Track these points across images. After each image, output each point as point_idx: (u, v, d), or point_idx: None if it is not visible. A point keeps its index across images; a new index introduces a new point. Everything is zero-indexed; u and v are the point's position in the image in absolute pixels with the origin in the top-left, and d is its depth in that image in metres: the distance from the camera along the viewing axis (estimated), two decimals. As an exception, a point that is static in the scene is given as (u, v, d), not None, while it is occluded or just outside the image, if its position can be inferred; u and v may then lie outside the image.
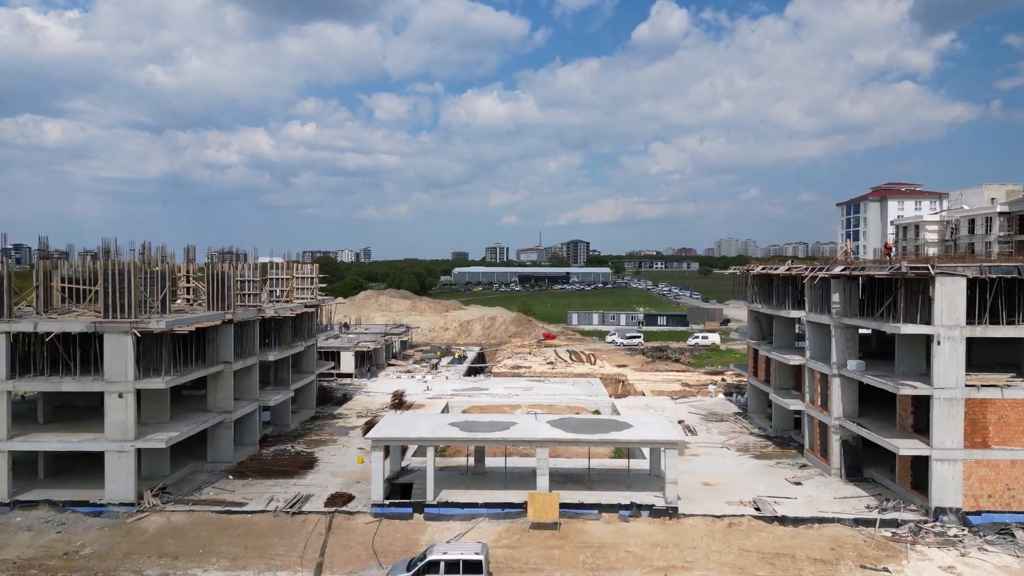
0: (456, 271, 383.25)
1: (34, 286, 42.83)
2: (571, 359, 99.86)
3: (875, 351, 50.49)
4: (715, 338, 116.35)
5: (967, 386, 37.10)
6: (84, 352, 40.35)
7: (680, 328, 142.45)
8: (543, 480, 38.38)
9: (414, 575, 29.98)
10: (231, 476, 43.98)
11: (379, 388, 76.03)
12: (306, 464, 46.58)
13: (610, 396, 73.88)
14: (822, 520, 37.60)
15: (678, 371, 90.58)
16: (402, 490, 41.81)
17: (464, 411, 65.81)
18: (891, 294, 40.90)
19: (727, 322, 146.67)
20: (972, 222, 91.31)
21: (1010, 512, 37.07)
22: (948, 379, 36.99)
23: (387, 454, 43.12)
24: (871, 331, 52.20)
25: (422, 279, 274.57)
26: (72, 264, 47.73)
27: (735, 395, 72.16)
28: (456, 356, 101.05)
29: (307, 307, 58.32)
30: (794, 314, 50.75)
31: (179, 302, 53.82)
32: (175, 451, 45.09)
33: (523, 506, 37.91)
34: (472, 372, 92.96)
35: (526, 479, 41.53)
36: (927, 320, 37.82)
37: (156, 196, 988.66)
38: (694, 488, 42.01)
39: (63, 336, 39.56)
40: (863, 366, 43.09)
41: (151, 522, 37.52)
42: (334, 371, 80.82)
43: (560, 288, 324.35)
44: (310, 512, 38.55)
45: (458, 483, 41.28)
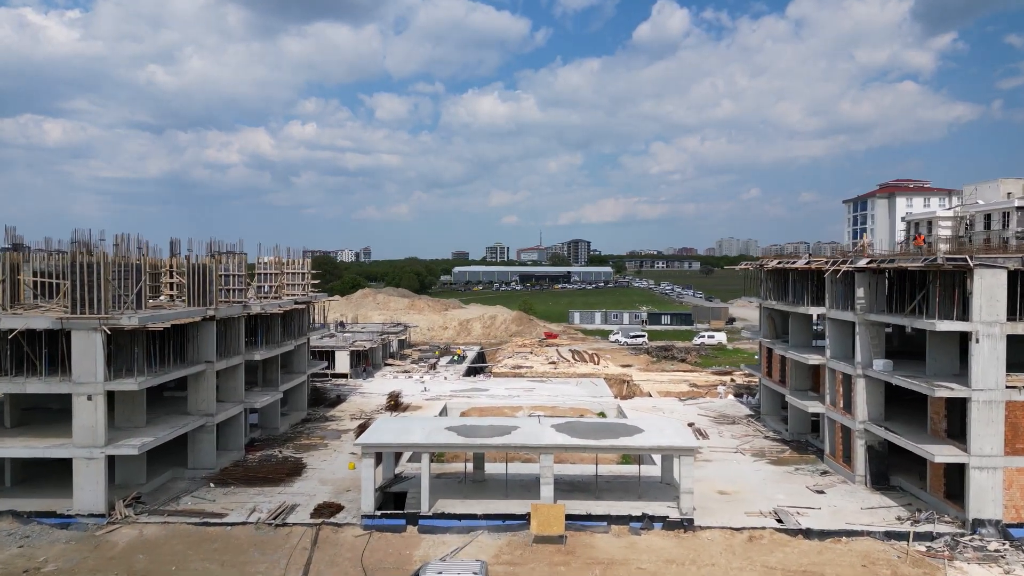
0: (456, 270, 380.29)
1: (0, 279, 39.85)
2: (574, 359, 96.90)
3: (897, 350, 47.41)
4: (721, 337, 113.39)
5: (1008, 387, 34.08)
6: (52, 351, 37.39)
7: (685, 327, 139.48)
8: (547, 489, 35.42)
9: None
10: (212, 484, 41.04)
11: (375, 389, 73.08)
12: (293, 471, 43.63)
13: (615, 397, 70.94)
14: (851, 533, 34.63)
15: (685, 371, 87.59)
16: (395, 499, 38.92)
17: (463, 413, 62.90)
18: (923, 288, 37.91)
19: (732, 321, 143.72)
20: (988, 217, 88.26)
21: (1055, 525, 34.13)
22: (987, 380, 33.98)
23: (379, 461, 40.24)
24: (892, 329, 49.30)
25: (422, 278, 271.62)
26: (51, 257, 44.82)
27: (745, 396, 69.18)
28: (455, 356, 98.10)
29: (297, 304, 55.30)
30: (814, 311, 47.74)
31: (162, 298, 50.92)
32: (153, 457, 42.18)
33: (525, 518, 34.97)
34: (472, 372, 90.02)
35: (529, 487, 38.60)
36: (964, 316, 34.84)
37: (157, 196, 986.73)
38: (709, 497, 39.05)
39: (29, 334, 36.65)
40: (891, 366, 40.13)
41: (122, 535, 34.57)
42: (328, 371, 77.90)
43: (561, 287, 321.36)
44: (295, 524, 35.59)
45: (455, 492, 38.33)
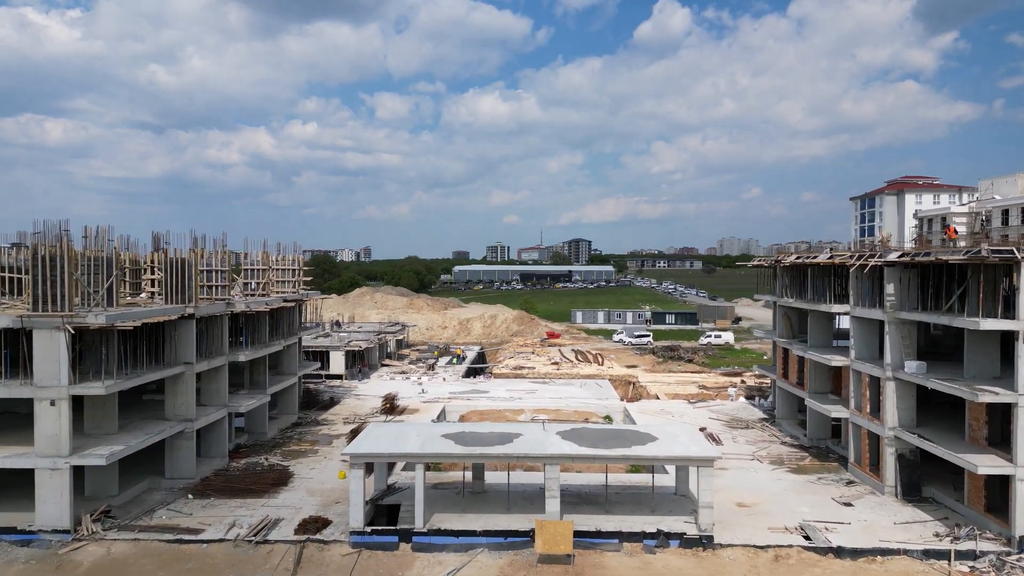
0: (456, 269, 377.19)
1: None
2: (577, 359, 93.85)
3: (923, 350, 44.27)
4: (729, 337, 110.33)
5: (1060, 392, 31.08)
6: (14, 352, 34.34)
7: (690, 327, 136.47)
8: (553, 503, 32.38)
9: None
10: (191, 495, 38.01)
11: (370, 391, 70.05)
12: (279, 480, 40.60)
13: (621, 399, 67.93)
14: (886, 552, 31.59)
15: (692, 372, 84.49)
16: (388, 513, 35.87)
17: (462, 416, 59.95)
18: (959, 284, 34.86)
19: (739, 320, 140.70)
20: (1006, 212, 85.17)
21: (1111, 543, 31.07)
22: (1036, 384, 30.95)
23: (371, 470, 37.25)
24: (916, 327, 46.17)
25: (421, 277, 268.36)
26: (20, 252, 41.87)
27: (757, 398, 66.14)
28: (455, 356, 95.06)
29: (287, 301, 52.24)
30: (836, 309, 44.67)
31: (143, 296, 47.91)
32: (128, 466, 39.15)
33: (529, 534, 31.96)
34: (471, 373, 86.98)
35: (532, 500, 35.58)
36: (1010, 314, 31.81)
37: (158, 196, 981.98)
38: (728, 510, 35.99)
39: (-12, 333, 33.61)
40: (924, 368, 37.10)
41: (88, 553, 31.55)
42: (322, 372, 74.88)
43: (562, 286, 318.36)
44: (277, 541, 32.54)
45: (453, 505, 35.29)
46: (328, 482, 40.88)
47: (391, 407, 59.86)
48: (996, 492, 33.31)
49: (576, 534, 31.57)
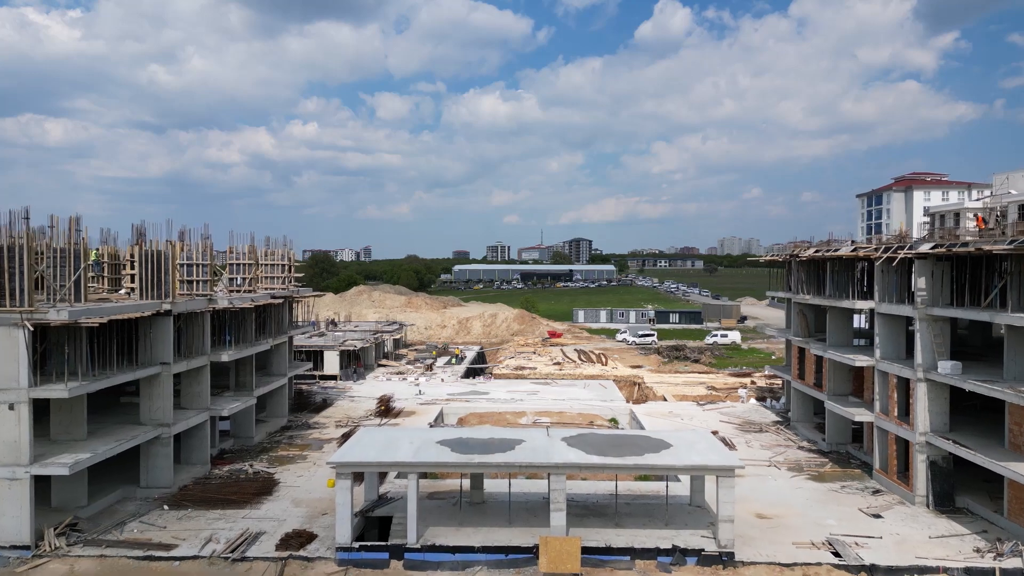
0: (456, 268, 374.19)
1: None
2: (580, 359, 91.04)
3: (951, 350, 41.55)
4: (735, 336, 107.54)
5: (1115, 395, 28.35)
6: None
7: (694, 326, 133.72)
8: (559, 517, 29.59)
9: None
10: (166, 506, 35.21)
11: (365, 392, 67.25)
12: (263, 489, 37.81)
13: (627, 401, 65.17)
14: (924, 570, 28.78)
15: (700, 372, 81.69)
16: (379, 525, 33.10)
17: (461, 419, 57.21)
18: (1000, 277, 32.06)
19: (744, 319, 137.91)
20: (1022, 207, 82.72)
21: None
22: (1090, 386, 28.22)
23: (361, 479, 34.48)
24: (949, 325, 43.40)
25: (421, 276, 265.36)
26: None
27: (769, 400, 63.31)
28: (454, 356, 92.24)
29: (275, 298, 49.41)
30: (860, 305, 41.83)
31: (122, 291, 45.13)
32: (101, 475, 36.42)
33: (532, 550, 29.20)
34: (471, 373, 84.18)
35: (536, 511, 32.82)
36: (1058, 309, 29.05)
37: (158, 195, 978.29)
38: (747, 522, 33.17)
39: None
40: (959, 368, 34.29)
41: (48, 572, 28.75)
42: (315, 373, 72.13)
43: (563, 285, 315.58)
44: (256, 558, 29.73)
45: (449, 517, 32.50)
46: (316, 491, 38.07)
47: (386, 409, 57.11)
48: (1040, 503, 30.60)
49: (584, 550, 28.84)
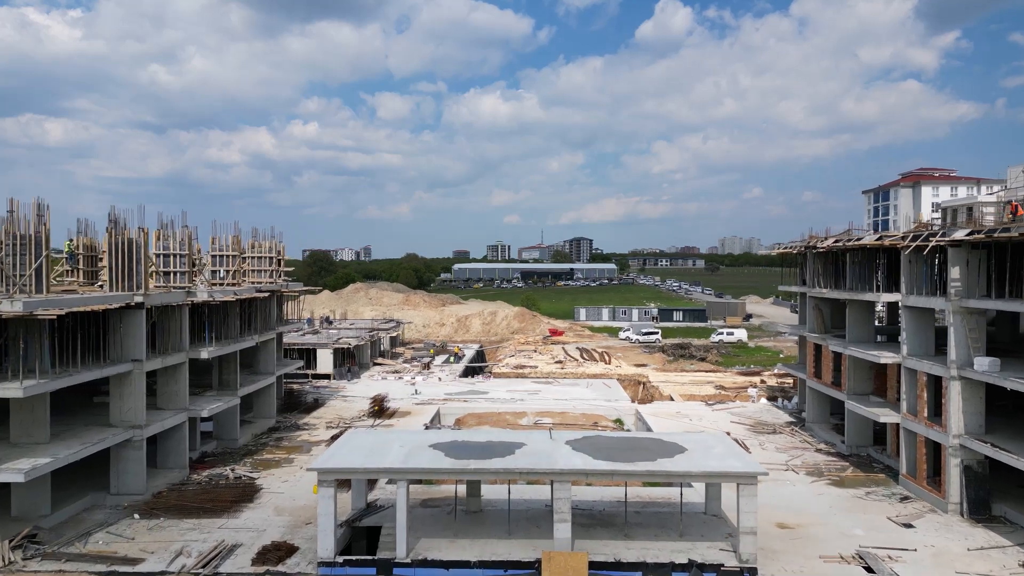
0: (456, 267, 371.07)
1: None
2: (582, 357, 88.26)
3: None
4: (742, 334, 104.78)
5: None
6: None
7: (699, 324, 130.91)
8: (563, 528, 26.86)
9: None
10: (137, 515, 32.46)
11: (359, 391, 64.50)
12: (243, 496, 35.09)
13: (632, 401, 62.41)
14: (967, 588, 26.11)
15: (707, 371, 78.89)
16: (368, 536, 30.38)
17: (458, 420, 54.49)
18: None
19: (749, 317, 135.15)
20: (1042, 200, 79.99)
21: None
22: None
23: (348, 485, 31.79)
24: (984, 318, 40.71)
25: (420, 274, 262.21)
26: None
27: (781, 400, 60.59)
28: (452, 355, 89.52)
29: (260, 292, 46.65)
30: (885, 298, 39.11)
31: (99, 284, 42.46)
32: (69, 480, 33.78)
33: (534, 565, 26.48)
34: (470, 372, 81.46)
35: (538, 521, 30.08)
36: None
37: (159, 195, 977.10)
38: (767, 533, 30.42)
39: None
40: (997, 365, 31.54)
41: (0, 590, 26.10)
42: (308, 371, 69.40)
43: (564, 284, 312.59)
44: (231, 574, 27.05)
45: (443, 528, 29.75)
46: (300, 498, 35.33)
47: (380, 410, 54.38)
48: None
49: (591, 565, 26.12)
